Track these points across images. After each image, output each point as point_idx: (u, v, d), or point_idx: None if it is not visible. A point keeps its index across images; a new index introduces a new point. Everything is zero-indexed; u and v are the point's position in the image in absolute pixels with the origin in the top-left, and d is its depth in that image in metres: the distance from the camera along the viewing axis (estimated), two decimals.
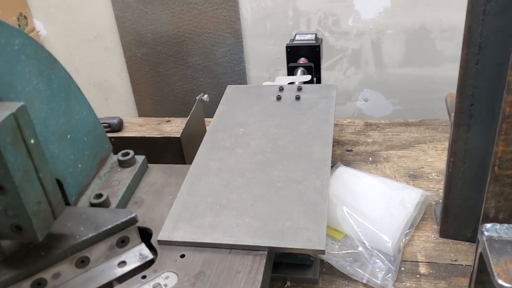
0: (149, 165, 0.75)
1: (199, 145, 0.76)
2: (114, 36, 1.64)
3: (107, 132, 1.07)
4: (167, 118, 1.12)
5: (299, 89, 0.89)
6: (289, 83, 0.95)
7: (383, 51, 1.51)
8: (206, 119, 1.02)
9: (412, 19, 1.45)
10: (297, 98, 0.86)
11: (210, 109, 0.94)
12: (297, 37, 1.13)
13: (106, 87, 1.76)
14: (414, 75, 1.53)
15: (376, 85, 1.58)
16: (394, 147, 0.94)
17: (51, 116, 0.54)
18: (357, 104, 1.62)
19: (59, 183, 0.59)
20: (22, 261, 0.53)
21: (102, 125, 1.04)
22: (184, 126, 0.86)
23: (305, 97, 0.86)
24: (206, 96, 0.95)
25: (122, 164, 0.71)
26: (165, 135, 1.00)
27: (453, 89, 1.60)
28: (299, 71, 1.06)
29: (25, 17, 1.61)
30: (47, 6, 1.64)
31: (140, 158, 0.73)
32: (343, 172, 0.83)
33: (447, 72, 1.50)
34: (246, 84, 1.64)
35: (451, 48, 1.47)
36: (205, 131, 0.99)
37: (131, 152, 0.72)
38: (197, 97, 0.95)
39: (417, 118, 1.03)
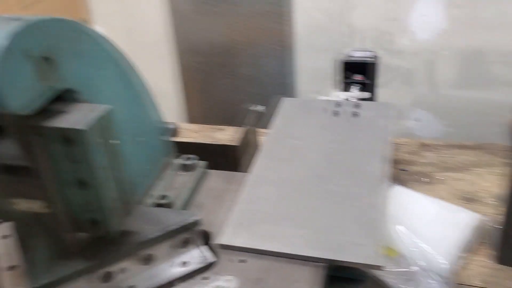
0: (208, 170, 0.77)
1: (252, 154, 0.78)
2: (170, 44, 1.69)
3: None
4: (220, 126, 1.15)
5: (357, 105, 0.90)
6: (345, 99, 0.96)
7: (437, 72, 1.50)
8: (258, 130, 1.04)
9: (469, 41, 1.43)
10: (355, 114, 0.87)
11: (259, 119, 0.97)
12: (353, 53, 1.14)
13: (159, 93, 1.81)
14: (468, 97, 1.51)
15: (428, 105, 1.56)
16: (450, 170, 0.93)
17: (127, 119, 0.57)
18: (408, 123, 1.61)
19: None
20: (95, 254, 0.56)
21: None
22: (239, 135, 0.88)
23: (363, 114, 0.87)
24: (259, 107, 0.98)
25: (184, 168, 0.74)
26: (220, 143, 1.03)
27: (507, 114, 1.56)
28: (355, 87, 1.07)
29: (87, 23, 1.68)
30: (109, 13, 1.71)
31: (201, 163, 0.75)
32: (399, 191, 0.83)
33: (503, 96, 1.47)
34: (295, 96, 1.65)
35: (509, 73, 1.44)
36: (257, 141, 1.01)
37: (193, 156, 0.75)
38: (251, 108, 0.97)
39: (473, 141, 1.01)
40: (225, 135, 1.10)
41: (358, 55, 1.14)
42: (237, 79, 1.67)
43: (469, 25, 1.41)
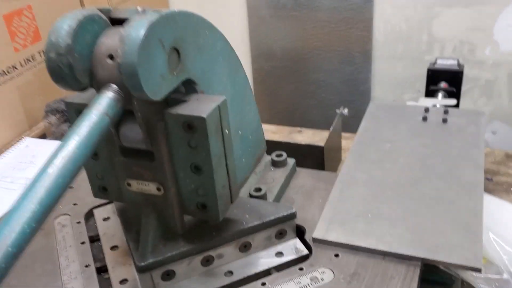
0: (297, 168, 0.79)
1: (337, 157, 0.79)
2: (245, 48, 1.74)
3: None
4: (298, 128, 1.16)
5: (446, 112, 0.89)
6: (433, 106, 0.95)
7: None
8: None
9: None
10: (444, 120, 0.86)
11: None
12: (438, 61, 1.13)
13: None
14: None
15: (507, 118, 1.51)
16: None
17: (231, 113, 0.60)
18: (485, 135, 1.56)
19: None
20: (198, 237, 0.59)
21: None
22: (321, 139, 0.90)
23: (453, 121, 0.86)
24: (346, 110, 0.99)
25: (275, 164, 0.76)
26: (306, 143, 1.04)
27: None
28: (440, 94, 1.06)
29: None
30: None
31: (290, 161, 0.77)
32: (488, 200, 0.82)
33: None
34: (369, 103, 1.65)
35: None
36: (341, 145, 1.02)
37: (284, 154, 0.77)
38: (337, 110, 0.98)
39: None
40: (304, 137, 1.12)
41: (443, 63, 1.12)
42: (311, 84, 1.69)
43: None
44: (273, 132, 1.15)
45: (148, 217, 0.58)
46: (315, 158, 0.87)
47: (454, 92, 1.05)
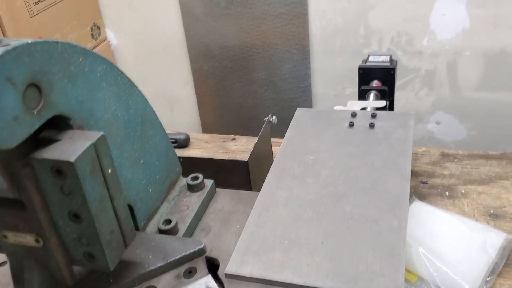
0: (216, 189, 0.73)
1: (266, 168, 0.74)
2: (182, 49, 1.66)
3: (174, 147, 1.08)
4: (232, 136, 1.11)
5: (373, 116, 0.85)
6: (361, 109, 0.91)
7: (459, 73, 1.44)
8: (272, 139, 1.00)
9: (492, 41, 1.36)
10: (371, 126, 0.82)
11: (274, 128, 0.92)
12: (370, 58, 1.09)
13: (172, 98, 1.79)
14: (492, 99, 1.45)
15: (449, 108, 1.50)
16: (473, 182, 0.88)
17: (126, 141, 0.54)
18: (428, 126, 1.55)
19: (130, 208, 0.59)
20: (92, 287, 0.53)
21: (170, 138, 1.04)
22: (251, 149, 0.84)
23: (380, 125, 0.82)
24: (274, 118, 0.94)
25: (191, 188, 0.70)
26: (232, 157, 0.99)
27: None
28: (372, 94, 1.02)
29: (98, 27, 1.66)
30: (119, 17, 1.68)
31: (208, 183, 0.72)
32: (419, 208, 0.78)
33: None
34: (311, 101, 1.61)
35: None
36: (272, 153, 0.97)
37: (201, 176, 0.71)
38: (265, 119, 0.93)
39: (498, 151, 0.95)
40: (238, 145, 1.06)
41: (374, 60, 1.08)
42: (252, 83, 1.63)
43: (492, 24, 1.34)
44: (205, 141, 1.09)
45: (31, 271, 0.51)
46: (240, 174, 0.82)
47: (386, 91, 1.02)
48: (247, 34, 1.55)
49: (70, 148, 0.45)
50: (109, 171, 0.48)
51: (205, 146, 1.08)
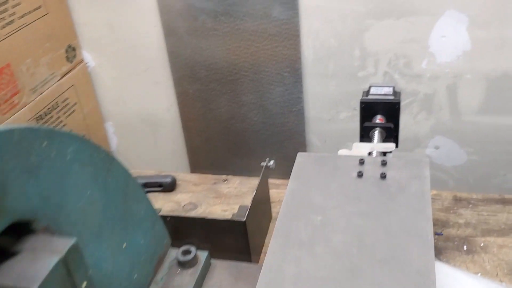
0: (212, 261, 0.64)
1: (265, 224, 0.65)
2: (165, 71, 1.56)
3: (159, 191, 0.98)
4: (224, 177, 1.01)
5: (384, 163, 0.76)
6: (369, 153, 0.83)
7: (459, 96, 1.37)
8: (270, 181, 0.91)
9: (495, 64, 1.29)
10: (383, 176, 0.74)
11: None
12: (372, 90, 1.01)
13: (155, 121, 1.68)
14: (493, 124, 1.38)
15: (449, 132, 1.43)
16: (492, 232, 0.80)
17: (105, 227, 0.44)
18: (427, 151, 1.47)
19: None
20: None
21: (154, 182, 0.94)
22: (248, 204, 0.75)
23: (392, 175, 0.74)
24: (272, 162, 0.84)
25: (183, 265, 0.60)
26: (226, 208, 0.89)
27: None
28: (376, 132, 0.94)
29: (74, 49, 1.55)
30: (97, 37, 1.57)
31: (202, 256, 0.62)
32: (439, 270, 0.70)
33: None
34: (304, 125, 1.52)
35: None
36: (270, 203, 0.88)
37: (193, 250, 0.61)
38: (262, 164, 0.84)
39: (500, 176, 0.88)
40: (231, 187, 0.97)
41: (377, 92, 1.00)
42: (241, 107, 1.54)
43: (494, 46, 1.27)
44: (194, 183, 0.99)
45: None
46: (237, 235, 0.73)
47: (392, 128, 0.94)
48: (236, 56, 1.46)
49: (31, 268, 0.35)
50: (84, 285, 0.38)
51: (194, 190, 0.98)
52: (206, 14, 1.41)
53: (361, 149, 0.84)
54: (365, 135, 0.94)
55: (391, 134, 0.93)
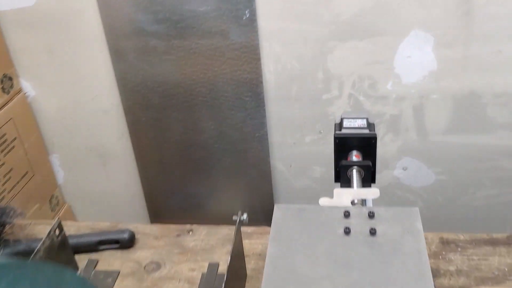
0: None
1: (240, 285, 0.56)
2: (115, 98, 1.44)
3: (116, 248, 0.87)
4: (188, 227, 0.91)
5: (371, 215, 0.69)
6: (352, 202, 0.75)
7: (426, 117, 1.33)
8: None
9: (461, 83, 1.27)
10: (372, 232, 0.66)
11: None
12: (345, 123, 0.94)
13: (105, 153, 1.55)
14: (461, 143, 1.35)
15: (417, 153, 1.39)
16: (486, 281, 0.75)
17: None
18: (394, 173, 1.43)
19: None
20: None
21: (110, 239, 0.83)
22: (220, 261, 0.66)
23: (382, 231, 0.66)
24: (245, 215, 0.75)
25: None
26: (193, 266, 0.79)
27: (504, 159, 1.39)
28: (354, 171, 0.87)
29: (10, 78, 1.40)
30: (36, 65, 1.43)
31: None
32: None
33: (499, 140, 1.32)
34: (268, 151, 1.44)
35: (504, 115, 1.29)
36: (244, 260, 0.79)
37: None
38: (235, 218, 0.75)
39: (503, 232, 0.83)
40: (197, 240, 0.87)
41: (350, 125, 0.93)
42: (200, 134, 1.44)
43: (460, 65, 1.24)
44: (155, 237, 0.88)
45: None
46: None
47: (370, 166, 0.87)
48: (191, 81, 1.36)
49: None
50: None
51: (155, 245, 0.87)
52: (158, 38, 1.30)
53: (343, 196, 0.77)
54: (344, 176, 0.87)
55: (369, 172, 0.87)
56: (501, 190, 1.40)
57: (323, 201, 0.75)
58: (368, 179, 0.87)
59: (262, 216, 1.54)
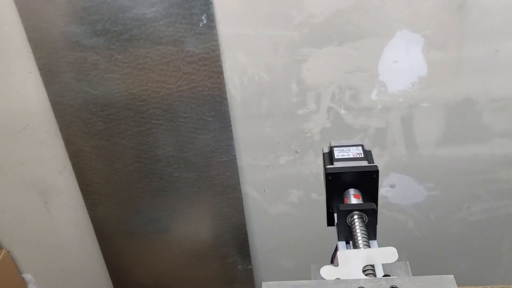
0: None
1: None
2: (51, 126, 1.21)
3: None
4: None
5: None
6: (364, 272, 0.57)
7: (415, 128, 1.17)
8: None
9: (454, 89, 1.11)
10: None
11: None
12: (337, 154, 0.76)
13: (45, 188, 1.31)
14: (454, 155, 1.20)
15: (406, 168, 1.23)
16: None
17: None
18: (381, 191, 1.26)
19: None
20: None
21: None
22: None
23: None
24: None
25: None
26: None
27: (501, 169, 1.24)
28: (356, 218, 0.68)
29: None
30: None
31: None
32: None
33: (495, 149, 1.18)
34: (238, 176, 1.24)
35: (501, 121, 1.14)
36: None
37: None
38: None
39: (496, 284, 0.67)
40: None
41: (343, 156, 0.75)
42: (157, 162, 1.23)
43: (454, 69, 1.08)
44: None
45: None
46: None
47: (375, 210, 0.69)
48: (142, 102, 1.14)
49: None
50: None
51: None
52: (98, 53, 1.08)
53: (351, 262, 0.57)
54: (342, 223, 0.68)
55: (374, 217, 0.68)
56: (499, 202, 1.26)
57: (325, 271, 0.56)
58: (373, 226, 0.68)
59: (236, 252, 1.35)
